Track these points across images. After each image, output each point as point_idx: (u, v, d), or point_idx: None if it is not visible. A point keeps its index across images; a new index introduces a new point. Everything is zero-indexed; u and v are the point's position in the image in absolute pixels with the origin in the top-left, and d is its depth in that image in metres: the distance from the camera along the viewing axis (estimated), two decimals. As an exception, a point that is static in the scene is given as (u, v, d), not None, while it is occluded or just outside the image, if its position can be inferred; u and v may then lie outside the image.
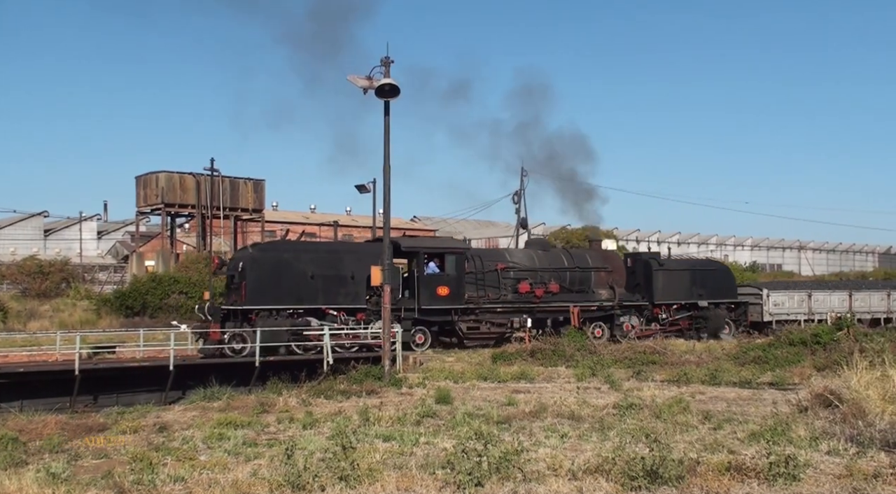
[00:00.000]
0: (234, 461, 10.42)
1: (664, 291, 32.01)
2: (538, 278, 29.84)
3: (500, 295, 29.00)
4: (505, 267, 29.45)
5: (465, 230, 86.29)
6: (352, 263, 25.78)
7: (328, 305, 25.14)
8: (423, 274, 27.40)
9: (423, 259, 27.57)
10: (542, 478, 8.79)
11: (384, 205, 20.75)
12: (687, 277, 32.85)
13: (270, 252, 25.83)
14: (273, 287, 24.35)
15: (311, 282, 24.88)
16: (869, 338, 22.11)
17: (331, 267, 25.45)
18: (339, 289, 25.36)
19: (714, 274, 34.06)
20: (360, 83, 19.15)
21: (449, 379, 19.41)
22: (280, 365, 20.80)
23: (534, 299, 29.38)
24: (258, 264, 24.57)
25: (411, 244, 28.78)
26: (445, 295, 27.46)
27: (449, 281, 27.64)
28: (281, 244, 31.56)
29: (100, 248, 72.77)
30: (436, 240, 35.23)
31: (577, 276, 30.81)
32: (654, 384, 18.06)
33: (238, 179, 54.56)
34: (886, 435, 10.49)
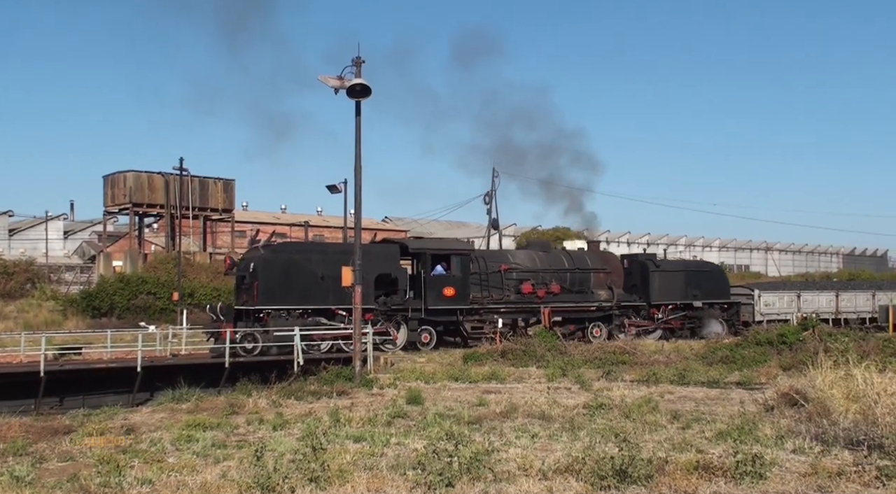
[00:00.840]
0: (203, 463, 10.33)
1: (660, 292, 32.79)
2: (540, 279, 30.42)
3: (504, 295, 29.60)
4: (508, 269, 30.02)
5: (436, 231, 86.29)
6: (360, 264, 25.52)
7: (337, 306, 25.38)
8: (430, 275, 27.85)
9: (430, 260, 28.05)
10: (512, 478, 8.82)
11: (355, 205, 20.70)
12: (682, 278, 33.72)
13: (282, 253, 26.33)
14: (284, 287, 24.77)
15: (321, 283, 25.25)
16: (833, 338, 22.44)
17: (339, 268, 25.12)
18: (347, 290, 25.23)
19: (708, 276, 35.02)
20: (331, 83, 19.08)
21: (420, 379, 19.41)
22: (250, 366, 20.69)
23: (535, 299, 29.96)
24: (270, 265, 25.00)
25: (418, 246, 29.36)
26: (451, 296, 27.99)
27: (455, 281, 28.21)
28: (292, 245, 31.95)
29: (66, 248, 71.67)
30: (442, 241, 35.99)
31: (577, 277, 31.46)
32: (624, 384, 18.20)
33: (208, 179, 54.08)
34: (850, 434, 10.66)
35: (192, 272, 47.08)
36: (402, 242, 29.47)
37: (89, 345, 23.91)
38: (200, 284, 45.24)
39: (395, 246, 28.77)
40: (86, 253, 67.09)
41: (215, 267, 49.57)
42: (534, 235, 70.26)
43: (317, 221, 66.70)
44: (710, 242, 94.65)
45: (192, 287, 44.11)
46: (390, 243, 30.14)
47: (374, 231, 71.06)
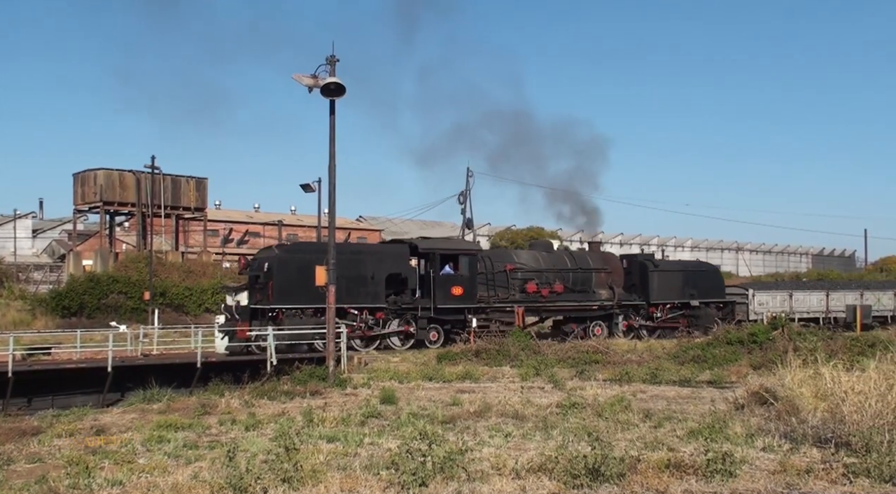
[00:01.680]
0: (175, 464, 10.24)
1: (659, 291, 33.62)
2: (543, 278, 31.11)
3: (509, 294, 30.23)
4: (513, 268, 30.69)
5: (410, 230, 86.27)
6: (372, 264, 27.10)
7: (350, 304, 26.02)
8: (439, 275, 28.39)
9: (439, 260, 28.64)
10: (485, 477, 8.84)
11: (329, 204, 20.59)
12: (680, 278, 34.63)
13: (296, 253, 26.87)
14: (298, 287, 25.11)
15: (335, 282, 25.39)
16: (803, 337, 22.77)
17: (353, 268, 26.27)
18: (360, 289, 26.44)
19: (705, 275, 36.05)
20: (305, 81, 18.95)
21: (394, 379, 19.38)
22: (222, 366, 20.53)
23: (540, 299, 30.72)
24: (285, 265, 25.53)
25: (428, 246, 29.95)
26: (459, 295, 28.61)
27: (463, 281, 28.79)
28: (305, 245, 32.77)
29: (35, 247, 70.68)
30: (450, 241, 37.00)
31: (579, 277, 32.17)
32: (597, 383, 18.29)
33: (180, 177, 53.63)
34: (818, 432, 10.81)
35: (164, 271, 46.67)
36: (412, 242, 30.24)
37: (59, 345, 23.63)
38: (172, 284, 44.86)
39: (404, 246, 29.53)
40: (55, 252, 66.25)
41: (187, 267, 49.20)
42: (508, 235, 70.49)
43: (291, 220, 66.38)
44: (682, 242, 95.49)
45: (163, 286, 43.74)
46: (400, 243, 30.93)
47: (348, 230, 70.91)
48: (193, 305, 44.21)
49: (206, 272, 48.72)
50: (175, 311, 42.83)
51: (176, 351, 23.20)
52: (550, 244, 36.81)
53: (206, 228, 57.25)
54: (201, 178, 54.96)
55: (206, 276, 47.54)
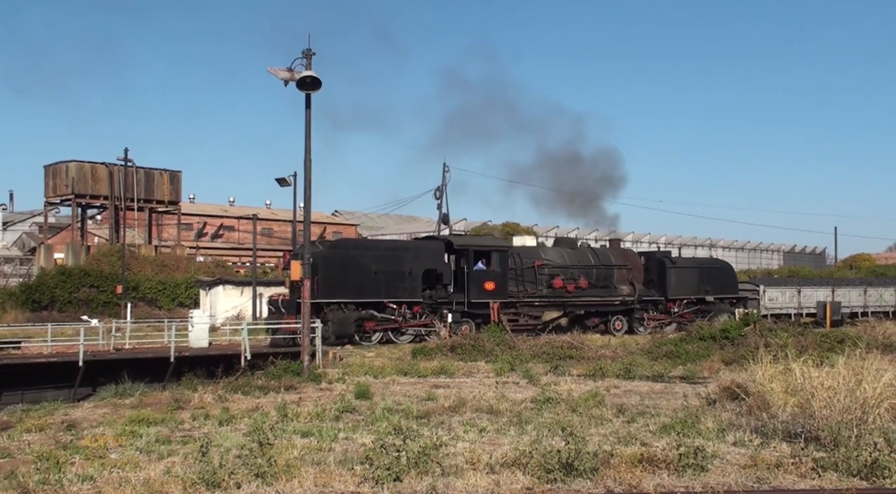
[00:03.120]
0: (147, 459, 10.15)
1: (676, 287, 34.89)
2: (569, 274, 32.31)
3: (537, 289, 31.33)
4: (541, 264, 31.76)
5: (386, 225, 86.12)
6: (409, 260, 28.31)
7: (389, 299, 27.45)
8: (473, 271, 29.41)
9: (472, 256, 29.63)
10: (460, 472, 8.87)
11: (305, 199, 20.48)
12: (695, 274, 35.96)
13: (340, 249, 28.34)
14: (342, 282, 26.63)
15: (374, 278, 27.24)
16: (773, 333, 23.03)
17: (391, 264, 27.82)
18: (398, 284, 27.76)
19: (719, 272, 37.28)
20: (280, 75, 18.85)
21: (369, 374, 19.35)
22: (196, 361, 20.36)
23: (565, 294, 31.84)
24: (329, 261, 26.73)
25: (462, 242, 31.05)
26: (492, 290, 29.62)
27: (495, 276, 29.84)
28: (348, 242, 33.94)
29: (4, 240, 69.66)
30: (483, 238, 38.16)
31: (602, 273, 33.43)
32: (571, 378, 18.37)
33: (153, 170, 53.10)
34: (788, 426, 10.96)
35: (137, 265, 46.27)
36: (447, 239, 31.47)
37: (29, 339, 23.32)
38: (145, 278, 44.48)
39: (440, 242, 30.77)
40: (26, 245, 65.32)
41: (161, 261, 48.79)
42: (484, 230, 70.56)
43: (265, 214, 65.94)
44: (657, 238, 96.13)
45: (136, 280, 43.37)
46: (435, 240, 32.39)
47: (323, 225, 70.64)
48: (167, 299, 43.88)
49: (180, 266, 48.34)
50: (148, 305, 42.49)
51: (149, 346, 23.00)
52: (574, 241, 38.11)
53: (180, 222, 56.76)
54: (175, 171, 54.45)
55: (180, 270, 47.18)
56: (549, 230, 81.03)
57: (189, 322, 24.51)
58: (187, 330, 23.55)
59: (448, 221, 48.44)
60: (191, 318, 24.59)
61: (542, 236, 72.70)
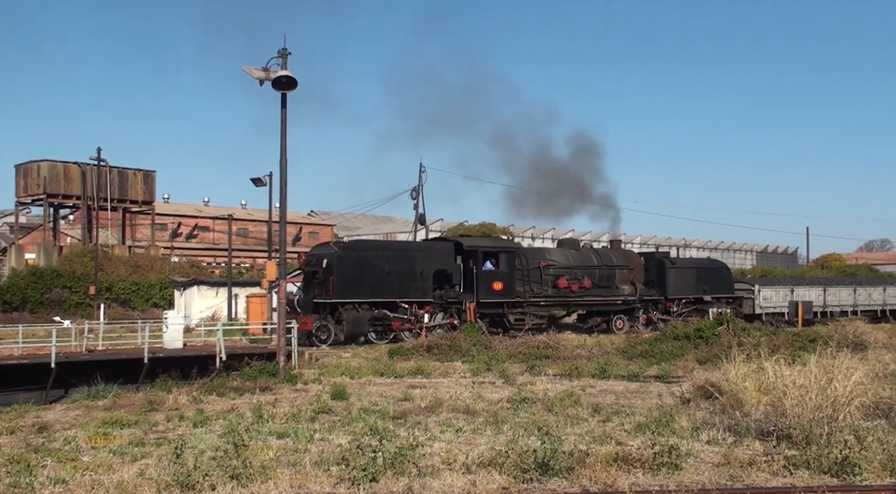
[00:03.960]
0: (120, 461, 10.05)
1: (676, 287, 35.70)
2: (573, 275, 33.05)
3: (543, 289, 32.01)
4: (547, 265, 32.44)
5: (362, 225, 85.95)
6: (421, 261, 28.95)
7: (401, 299, 28.07)
8: (482, 271, 30.06)
9: (481, 257, 30.31)
10: (436, 472, 8.87)
11: (281, 199, 20.38)
12: (694, 275, 36.84)
13: (354, 251, 29.09)
14: (356, 282, 27.33)
15: (387, 278, 27.92)
16: (746, 333, 23.26)
17: (403, 264, 28.52)
18: (410, 284, 28.42)
19: (716, 272, 38.13)
20: (255, 74, 18.74)
21: (345, 374, 19.30)
22: (170, 362, 20.17)
23: (570, 294, 32.61)
24: (344, 261, 27.45)
25: (472, 243, 31.76)
26: (500, 290, 30.39)
27: (503, 277, 30.62)
28: (361, 243, 34.46)
29: (-26, 240, 68.71)
30: (491, 239, 39.18)
31: (604, 273, 34.16)
32: (547, 378, 18.44)
33: (127, 170, 52.62)
34: (761, 425, 11.09)
35: (110, 266, 45.82)
36: (457, 240, 31.92)
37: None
38: (119, 278, 44.07)
39: (450, 244, 31.30)
40: (-4, 246, 64.42)
41: (134, 261, 48.35)
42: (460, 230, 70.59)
43: (241, 214, 65.51)
44: (632, 239, 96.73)
45: (109, 281, 42.95)
46: (445, 241, 32.92)
47: (299, 225, 70.36)
48: (141, 300, 43.50)
49: (154, 266, 47.94)
50: (122, 306, 42.10)
51: (122, 347, 22.74)
52: (577, 242, 38.78)
53: (154, 222, 56.29)
54: (149, 171, 54.00)
55: (154, 271, 46.79)
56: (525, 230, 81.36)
57: (163, 322, 24.29)
58: (161, 331, 23.34)
59: (424, 222, 48.39)
60: (165, 319, 24.35)
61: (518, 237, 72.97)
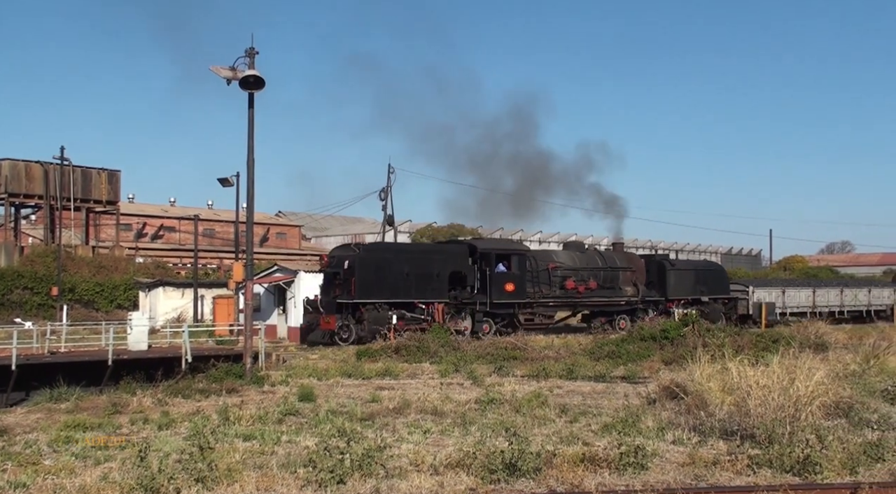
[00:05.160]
0: (83, 465, 9.91)
1: (676, 288, 36.97)
2: (580, 276, 34.15)
3: (551, 291, 33.09)
4: (555, 267, 33.52)
5: (330, 226, 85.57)
6: (437, 262, 30.09)
7: (419, 299, 29.03)
8: (494, 273, 30.95)
9: (494, 259, 31.25)
10: (404, 474, 8.87)
11: (248, 199, 20.22)
12: (692, 276, 38.12)
13: (375, 252, 30.17)
14: (377, 283, 28.34)
15: (406, 279, 28.97)
16: (711, 334, 23.55)
17: (421, 266, 29.59)
18: (427, 285, 29.44)
19: (713, 274, 39.64)
20: (223, 73, 18.59)
21: (313, 376, 19.21)
22: (135, 364, 19.94)
23: (577, 295, 33.78)
24: (366, 263, 28.44)
25: (486, 246, 32.81)
26: (512, 291, 31.30)
27: (514, 278, 31.54)
28: (382, 245, 35.60)
29: (-67, 240, 67.29)
30: (504, 242, 40.63)
31: (608, 275, 35.31)
32: (515, 379, 18.51)
33: (91, 169, 51.91)
34: (725, 425, 11.24)
35: (74, 266, 45.16)
36: (471, 243, 33.31)
37: (-42, 343, 22.53)
38: (82, 279, 43.43)
39: (464, 246, 32.55)
40: (-45, 246, 63.18)
41: (98, 262, 47.69)
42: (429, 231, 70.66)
43: (207, 215, 64.87)
44: (599, 240, 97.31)
45: (73, 282, 42.31)
46: (460, 244, 34.24)
47: (267, 225, 69.88)
48: (105, 301, 42.92)
49: (119, 267, 47.33)
50: (85, 308, 41.49)
51: (86, 349, 22.43)
52: (582, 244, 39.82)
53: (119, 222, 55.56)
54: (114, 171, 53.31)
55: (119, 272, 46.19)
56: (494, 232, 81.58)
57: (128, 324, 24.01)
58: (126, 332, 23.07)
59: (393, 223, 48.36)
60: (130, 320, 24.09)
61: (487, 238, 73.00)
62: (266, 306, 34.05)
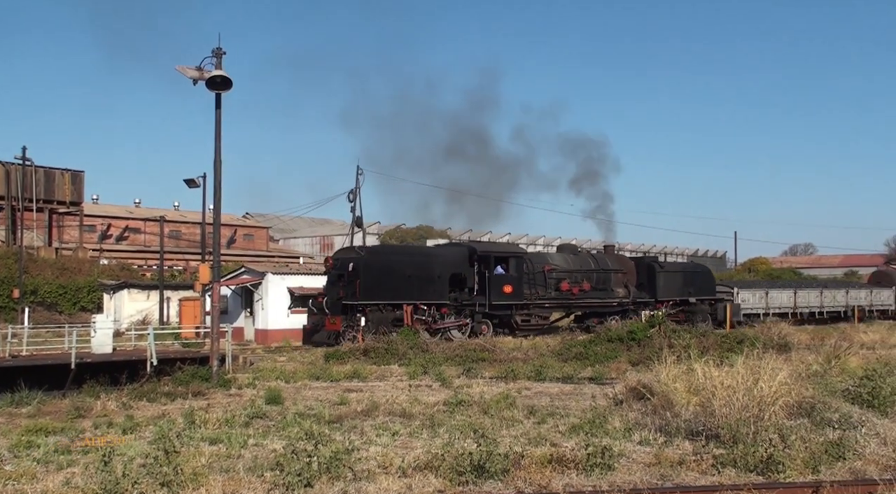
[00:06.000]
0: (45, 470, 9.74)
1: (665, 290, 37.68)
2: (574, 278, 34.86)
3: (547, 292, 33.74)
4: (550, 269, 34.15)
5: (298, 227, 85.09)
6: (438, 265, 30.73)
7: (421, 301, 29.62)
8: (493, 275, 31.63)
9: (493, 262, 31.93)
10: (372, 477, 8.84)
11: (215, 201, 20.05)
12: (680, 278, 38.93)
13: (379, 255, 31.19)
14: (380, 285, 28.94)
15: (408, 281, 29.54)
16: (677, 335, 23.80)
17: (423, 269, 30.29)
18: (428, 287, 30.11)
19: (700, 276, 40.41)
20: (189, 74, 18.41)
21: (280, 378, 19.10)
22: (99, 367, 19.68)
23: (571, 296, 34.45)
24: (370, 266, 29.11)
25: (485, 249, 33.68)
26: (510, 293, 32.01)
27: (512, 280, 32.24)
28: (385, 248, 36.64)
29: None
30: (502, 245, 41.79)
31: (601, 277, 36.03)
32: (483, 380, 18.56)
33: (54, 170, 51.17)
34: (691, 425, 11.36)
35: (36, 268, 44.43)
36: (471, 246, 33.81)
37: (-85, 347, 22.05)
38: (45, 281, 42.76)
39: (464, 248, 33.22)
40: (-87, 247, 61.82)
41: (62, 264, 46.98)
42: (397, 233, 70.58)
43: (173, 216, 64.12)
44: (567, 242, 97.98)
45: (35, 284, 41.63)
46: (460, 246, 34.96)
47: (234, 227, 69.27)
48: (68, 304, 42.28)
49: (82, 269, 46.65)
50: (48, 310, 40.87)
51: (48, 352, 22.10)
52: (575, 247, 40.62)
53: (83, 223, 54.78)
54: (77, 171, 52.61)
55: (82, 274, 45.52)
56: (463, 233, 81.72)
57: (92, 327, 23.69)
58: (90, 335, 22.76)
59: (362, 224, 48.18)
60: (93, 323, 23.78)
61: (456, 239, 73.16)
62: (233, 308, 33.82)
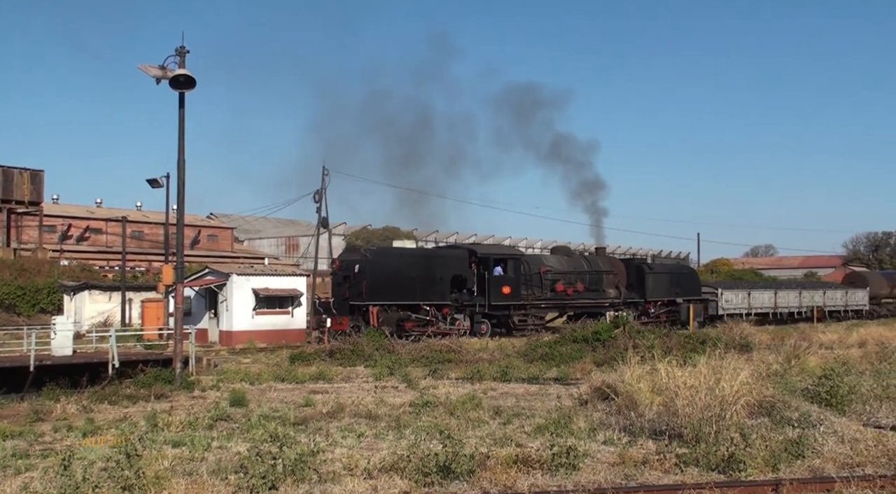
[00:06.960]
0: (2, 475, 9.57)
1: (653, 290, 38.97)
2: (568, 279, 35.97)
3: (542, 293, 34.82)
4: (546, 270, 35.19)
5: (264, 228, 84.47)
6: (440, 267, 31.90)
7: (423, 301, 30.75)
8: (493, 277, 32.73)
9: (492, 263, 33.00)
10: (337, 478, 8.81)
11: (178, 201, 19.82)
12: (668, 279, 40.16)
13: (384, 257, 31.99)
14: (386, 286, 30.02)
15: (411, 282, 30.66)
16: (641, 336, 24.01)
17: (426, 270, 31.46)
18: (431, 288, 31.26)
19: (686, 277, 41.92)
20: (151, 73, 18.17)
21: (245, 380, 18.94)
22: (58, 369, 19.34)
23: (566, 297, 35.60)
24: (375, 267, 30.24)
25: (484, 251, 34.89)
26: (508, 294, 33.13)
27: (511, 281, 33.33)
28: (390, 250, 37.07)
29: None
30: (500, 247, 42.89)
31: (593, 278, 37.18)
32: (450, 381, 18.58)
33: (12, 169, 50.17)
34: (654, 424, 11.48)
35: (-7, 269, 43.50)
36: (471, 248, 35.21)
37: None
38: (3, 282, 41.90)
39: (465, 250, 34.44)
40: None
41: (20, 264, 46.10)
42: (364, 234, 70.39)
43: (136, 216, 63.25)
44: (533, 243, 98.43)
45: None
46: (461, 248, 36.11)
47: (198, 227, 68.52)
48: (27, 305, 41.47)
49: (42, 270, 45.78)
50: (6, 312, 40.05)
51: (6, 354, 21.66)
52: (569, 249, 41.82)
53: (42, 223, 53.80)
54: (37, 171, 51.63)
55: (42, 275, 44.66)
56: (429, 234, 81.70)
57: (52, 328, 23.27)
58: (49, 337, 22.35)
59: (328, 225, 47.92)
60: (53, 325, 23.36)
61: (422, 240, 73.18)
62: (197, 310, 33.41)
